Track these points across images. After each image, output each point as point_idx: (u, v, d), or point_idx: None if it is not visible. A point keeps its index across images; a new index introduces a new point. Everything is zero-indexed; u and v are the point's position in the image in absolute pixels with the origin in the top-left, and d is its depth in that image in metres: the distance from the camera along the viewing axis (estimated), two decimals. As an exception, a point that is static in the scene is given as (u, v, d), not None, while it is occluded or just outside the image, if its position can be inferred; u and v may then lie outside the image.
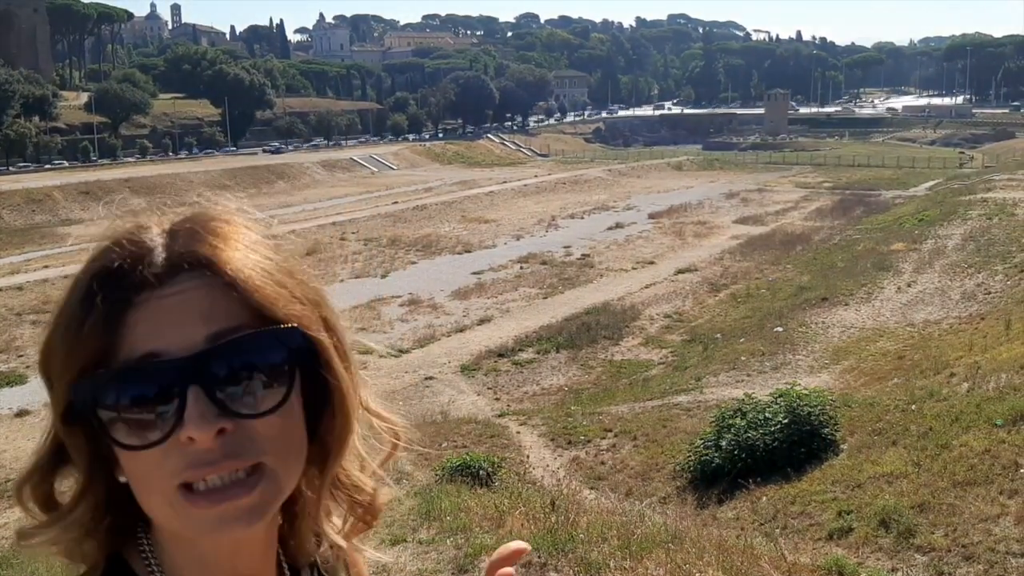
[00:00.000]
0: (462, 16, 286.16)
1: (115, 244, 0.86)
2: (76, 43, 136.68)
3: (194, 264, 0.85)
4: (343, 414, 0.94)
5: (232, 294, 0.84)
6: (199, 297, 0.84)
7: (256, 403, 0.84)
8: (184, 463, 0.82)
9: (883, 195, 68.34)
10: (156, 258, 0.84)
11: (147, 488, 0.85)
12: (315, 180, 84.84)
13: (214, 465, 0.82)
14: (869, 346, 25.33)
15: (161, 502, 0.84)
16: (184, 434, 0.81)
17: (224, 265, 0.85)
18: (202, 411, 0.81)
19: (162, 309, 0.83)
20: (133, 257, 0.84)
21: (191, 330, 0.82)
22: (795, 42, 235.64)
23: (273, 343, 0.85)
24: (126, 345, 0.82)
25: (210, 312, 0.84)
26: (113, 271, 0.84)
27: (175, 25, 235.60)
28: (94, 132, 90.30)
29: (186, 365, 0.81)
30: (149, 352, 0.82)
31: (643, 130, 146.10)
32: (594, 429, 18.58)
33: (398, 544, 8.47)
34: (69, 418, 0.85)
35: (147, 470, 0.83)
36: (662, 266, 44.20)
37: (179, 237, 0.87)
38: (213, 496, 0.82)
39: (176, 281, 0.84)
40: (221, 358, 0.82)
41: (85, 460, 0.87)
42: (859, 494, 11.58)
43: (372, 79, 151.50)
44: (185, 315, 0.83)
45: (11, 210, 59.85)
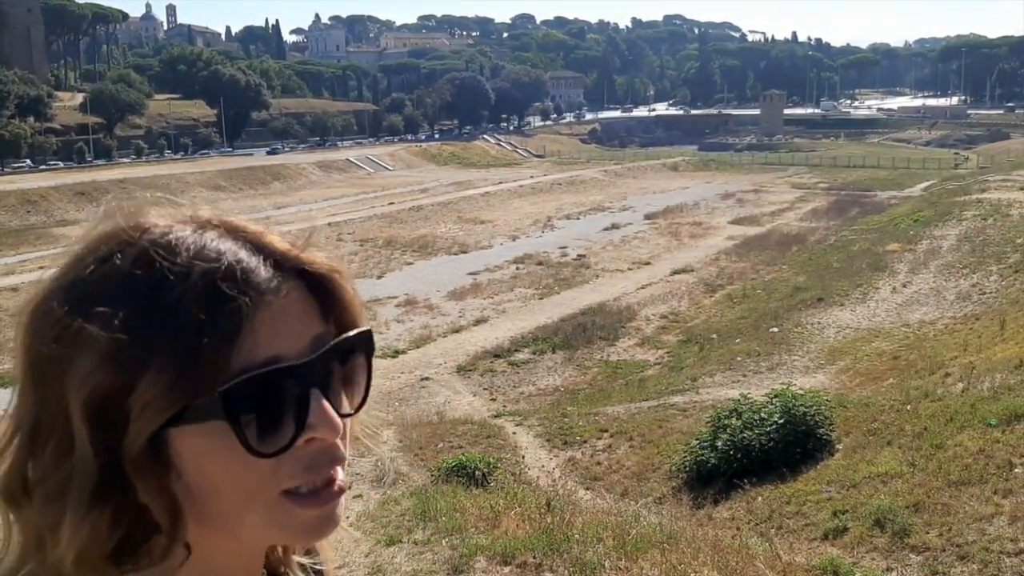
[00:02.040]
0: (458, 17, 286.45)
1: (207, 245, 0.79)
2: (71, 43, 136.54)
3: (297, 266, 0.83)
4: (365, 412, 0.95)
5: (320, 298, 0.84)
6: (298, 299, 0.82)
7: (351, 404, 0.86)
8: (300, 467, 0.80)
9: (878, 196, 68.46)
10: (258, 262, 0.80)
11: (248, 501, 0.80)
12: (311, 181, 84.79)
13: (327, 466, 0.82)
14: (864, 346, 25.36)
15: (262, 513, 0.81)
16: (307, 436, 0.79)
17: (320, 265, 0.84)
18: (329, 413, 0.80)
19: (276, 313, 0.79)
20: (243, 260, 0.79)
21: (301, 335, 0.81)
22: (791, 43, 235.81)
23: (361, 344, 0.86)
24: (245, 351, 0.77)
25: (307, 315, 0.82)
26: (236, 274, 0.78)
27: (170, 26, 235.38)
28: (89, 133, 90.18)
29: (307, 368, 0.80)
30: (272, 356, 0.78)
31: (639, 131, 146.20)
32: (590, 430, 18.58)
33: (394, 544, 8.48)
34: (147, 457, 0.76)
35: (257, 480, 0.79)
36: (658, 267, 44.23)
37: (254, 240, 0.82)
38: (319, 495, 0.81)
39: (283, 285, 0.81)
40: (331, 361, 0.82)
41: (163, 492, 0.78)
42: (854, 494, 11.58)
43: (368, 80, 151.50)
44: (294, 320, 0.81)
45: (6, 211, 59.76)
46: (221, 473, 0.79)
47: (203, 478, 0.79)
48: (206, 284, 0.76)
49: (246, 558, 0.90)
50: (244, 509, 0.81)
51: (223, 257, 0.78)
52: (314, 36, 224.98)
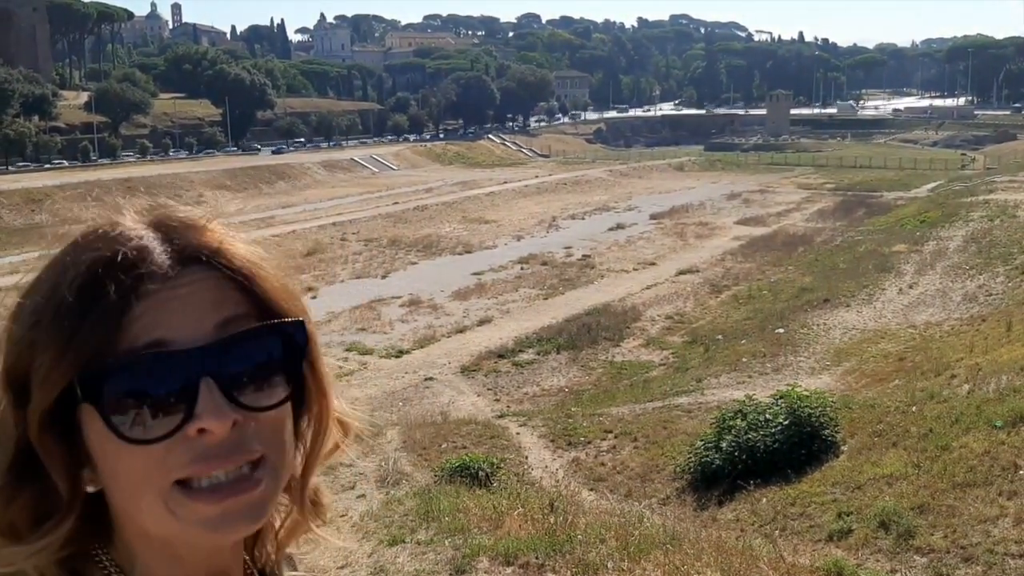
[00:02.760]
0: (463, 16, 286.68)
1: (110, 233, 0.83)
2: (76, 42, 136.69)
3: (202, 255, 0.83)
4: (323, 411, 0.93)
5: (239, 286, 0.84)
6: (208, 288, 0.82)
7: (264, 397, 0.83)
8: (189, 457, 0.79)
9: (885, 196, 68.33)
10: (159, 248, 0.82)
11: (140, 488, 0.81)
12: (316, 180, 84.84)
13: (222, 459, 0.80)
14: (870, 347, 25.29)
15: (155, 502, 0.80)
16: (195, 426, 0.78)
17: (234, 257, 0.84)
18: (217, 402, 0.79)
19: (171, 299, 0.80)
20: (139, 248, 0.81)
21: (201, 320, 0.81)
22: (797, 43, 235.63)
23: (281, 336, 0.84)
24: (128, 336, 0.79)
25: (218, 302, 0.82)
26: (120, 261, 0.80)
27: (175, 25, 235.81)
28: (94, 132, 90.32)
29: (198, 355, 0.79)
30: (155, 340, 0.79)
31: (644, 131, 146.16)
32: (594, 430, 18.54)
33: (396, 544, 8.45)
34: (48, 423, 0.81)
35: (145, 467, 0.79)
36: (663, 267, 44.17)
37: (176, 230, 0.84)
38: (217, 492, 0.80)
39: (186, 273, 0.82)
40: (233, 349, 0.81)
41: (64, 468, 0.82)
42: (859, 495, 11.55)
43: (373, 79, 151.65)
44: (194, 305, 0.81)
45: (10, 210, 59.88)
46: (112, 456, 0.80)
47: (103, 461, 0.81)
48: (88, 272, 0.79)
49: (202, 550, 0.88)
50: (138, 496, 0.81)
51: (119, 247, 0.80)
52: (319, 35, 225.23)
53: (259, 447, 0.82)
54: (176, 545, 0.86)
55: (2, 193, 62.06)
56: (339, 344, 29.91)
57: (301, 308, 0.89)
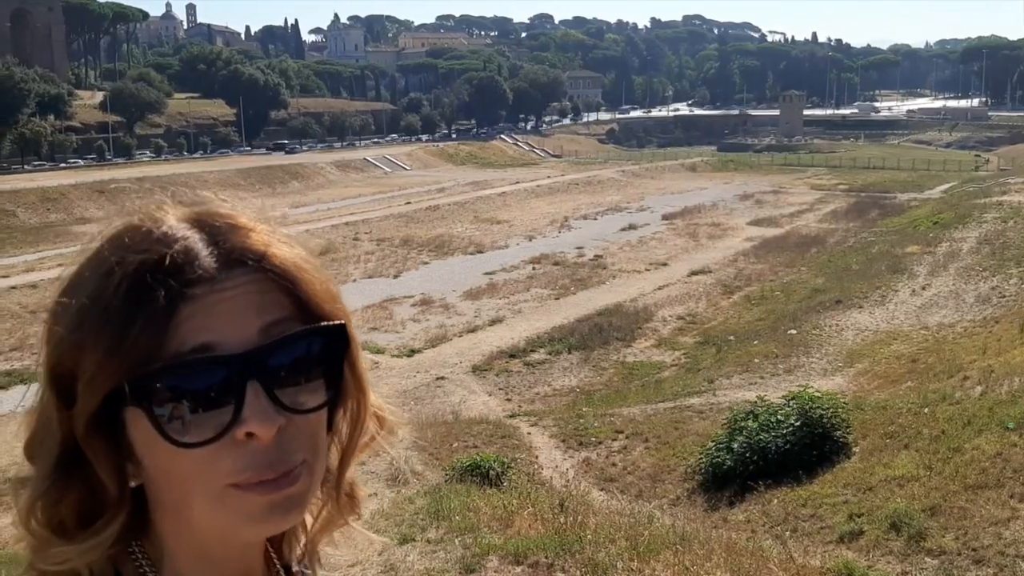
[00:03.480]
0: (476, 17, 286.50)
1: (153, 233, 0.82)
2: (91, 42, 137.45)
3: (248, 259, 0.83)
4: (360, 409, 0.94)
5: (282, 289, 0.84)
6: (252, 291, 0.82)
7: (307, 400, 0.83)
8: (241, 464, 0.80)
9: (898, 197, 68.07)
10: (205, 251, 0.82)
11: (192, 488, 0.82)
12: (329, 180, 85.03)
13: (272, 466, 0.81)
14: (883, 349, 25.21)
15: (205, 500, 0.82)
16: (243, 430, 0.79)
17: (278, 260, 0.84)
18: (264, 407, 0.79)
19: (218, 303, 0.80)
20: (185, 251, 0.81)
21: (246, 324, 0.81)
22: (810, 43, 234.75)
23: (324, 339, 0.85)
24: (175, 339, 0.79)
25: (262, 305, 0.82)
26: (167, 264, 0.80)
27: (190, 25, 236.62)
28: (109, 131, 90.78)
29: (245, 359, 0.79)
30: (202, 344, 0.79)
31: (657, 131, 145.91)
32: (605, 431, 18.54)
33: (407, 543, 8.49)
34: (95, 423, 0.81)
35: (195, 468, 0.80)
36: (675, 267, 44.11)
37: (221, 232, 0.84)
38: (267, 485, 0.81)
39: (231, 276, 0.82)
40: (278, 353, 0.81)
41: (113, 468, 0.83)
42: (870, 497, 11.52)
43: (386, 80, 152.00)
44: (240, 309, 0.81)
45: (26, 208, 60.22)
46: (163, 457, 0.81)
47: (151, 461, 0.83)
48: (135, 275, 0.79)
49: (234, 548, 0.90)
50: (190, 495, 0.82)
51: (164, 249, 0.80)
52: (333, 36, 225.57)
53: (300, 454, 0.83)
54: (210, 544, 0.87)
55: (18, 192, 62.45)
56: (351, 343, 29.95)
57: (343, 310, 0.89)
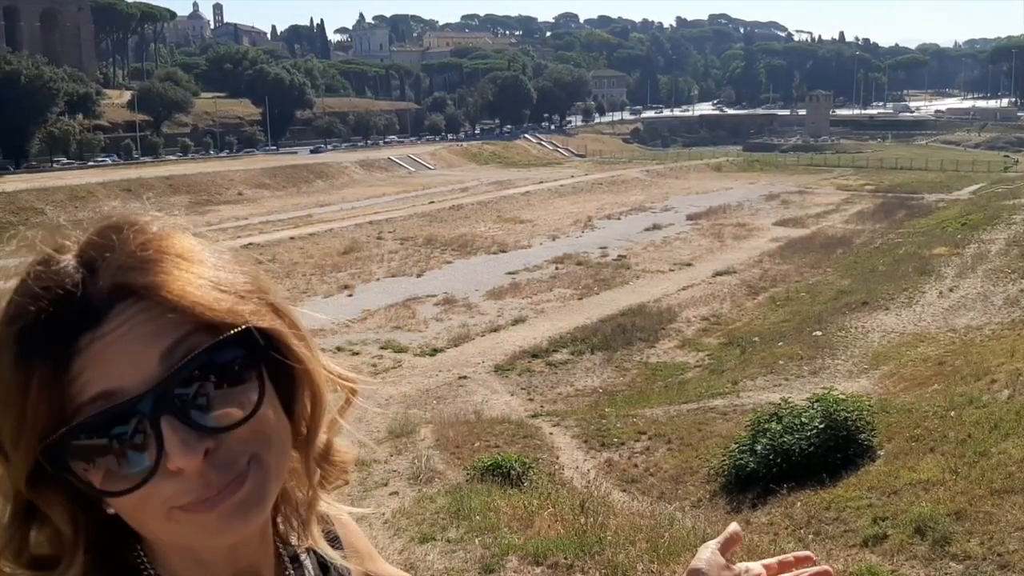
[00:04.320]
0: (501, 16, 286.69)
1: (29, 293, 0.78)
2: (120, 42, 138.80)
3: (129, 294, 0.78)
4: (316, 392, 0.91)
5: (175, 315, 0.79)
6: (143, 320, 0.78)
7: (232, 413, 0.80)
8: (179, 490, 0.78)
9: (926, 198, 67.42)
10: (85, 297, 0.78)
11: (142, 517, 0.81)
12: (353, 179, 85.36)
13: (210, 486, 0.78)
14: (909, 351, 24.95)
15: (160, 524, 0.81)
16: (171, 465, 0.76)
17: (160, 291, 0.79)
18: (183, 438, 0.76)
19: (108, 347, 0.77)
20: (57, 300, 0.77)
21: (143, 359, 0.77)
22: (838, 43, 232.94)
23: (231, 349, 0.80)
24: (77, 394, 0.76)
25: (156, 332, 0.78)
26: (40, 324, 0.77)
27: (217, 25, 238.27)
28: (136, 130, 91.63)
29: (149, 397, 0.76)
30: (101, 393, 0.76)
31: (682, 131, 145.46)
32: (628, 431, 18.49)
33: (427, 542, 8.50)
34: (35, 484, 0.80)
35: (137, 505, 0.79)
36: (700, 268, 43.90)
37: (100, 268, 0.79)
38: (209, 502, 0.79)
39: (112, 315, 0.77)
40: (183, 380, 0.77)
41: (66, 515, 0.82)
42: (895, 501, 11.42)
43: (411, 79, 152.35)
44: (133, 345, 0.77)
45: (54, 206, 60.83)
46: (110, 501, 0.80)
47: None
48: (17, 346, 0.77)
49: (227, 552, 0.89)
50: (143, 526, 0.82)
51: (41, 305, 0.77)
52: (358, 35, 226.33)
53: (243, 458, 0.81)
54: (196, 549, 0.87)
55: (46, 190, 63.19)
56: (374, 342, 30.09)
57: (254, 309, 0.83)
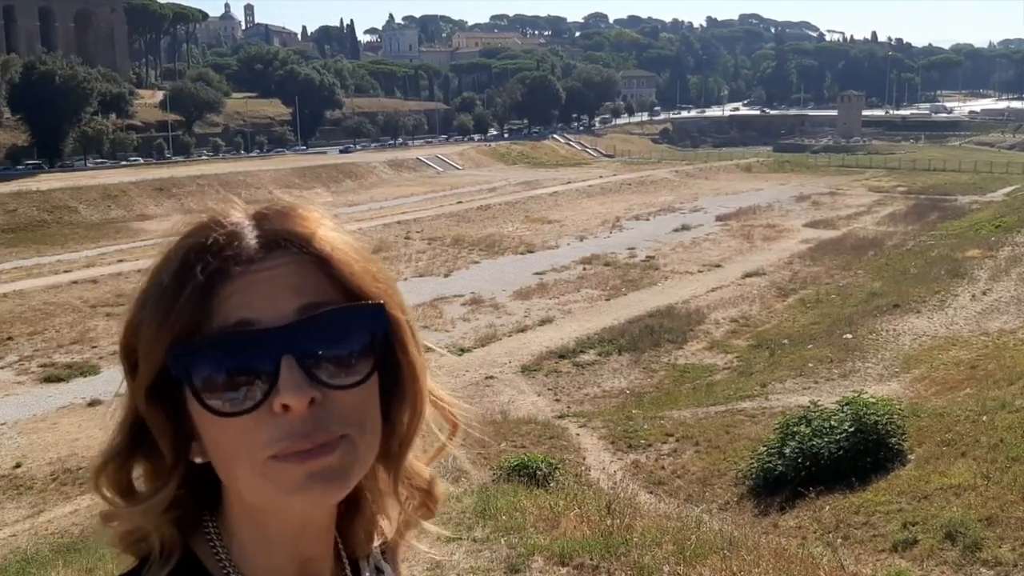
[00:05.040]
0: (530, 16, 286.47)
1: (210, 222, 0.90)
2: (152, 42, 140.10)
3: (288, 241, 0.89)
4: (417, 396, 0.97)
5: (323, 270, 0.89)
6: (291, 272, 0.88)
7: (343, 375, 0.87)
8: (278, 434, 0.84)
9: (959, 200, 66.68)
10: (250, 235, 0.89)
11: (235, 457, 0.87)
12: (382, 179, 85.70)
13: (307, 437, 0.85)
14: (941, 355, 24.68)
15: (249, 471, 0.86)
16: (278, 401, 0.83)
17: (318, 242, 0.90)
18: (296, 379, 0.83)
19: (256, 282, 0.86)
20: (229, 234, 0.88)
21: (283, 302, 0.86)
22: (870, 43, 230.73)
23: (361, 318, 0.89)
24: (219, 315, 0.85)
25: (301, 286, 0.87)
26: (210, 245, 0.87)
27: (248, 25, 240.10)
28: (168, 130, 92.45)
29: (280, 334, 0.84)
30: (241, 320, 0.85)
31: (712, 131, 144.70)
32: (655, 433, 18.44)
33: (452, 542, 8.50)
34: (154, 393, 0.88)
35: (237, 439, 0.86)
36: (729, 269, 43.68)
37: (269, 218, 0.91)
38: (301, 454, 0.85)
39: (270, 257, 0.88)
40: (313, 329, 0.86)
41: (169, 438, 0.90)
42: (925, 506, 11.30)
43: (439, 79, 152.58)
44: (278, 288, 0.86)
45: (88, 205, 61.58)
46: (210, 428, 0.87)
47: (203, 432, 0.89)
48: (183, 257, 0.88)
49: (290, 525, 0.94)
50: (233, 465, 0.88)
51: (211, 233, 0.88)
52: (388, 36, 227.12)
53: (338, 428, 0.86)
54: (267, 521, 0.93)
55: (80, 189, 63.92)
56: (402, 342, 30.16)
57: (387, 293, 0.93)
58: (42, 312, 33.66)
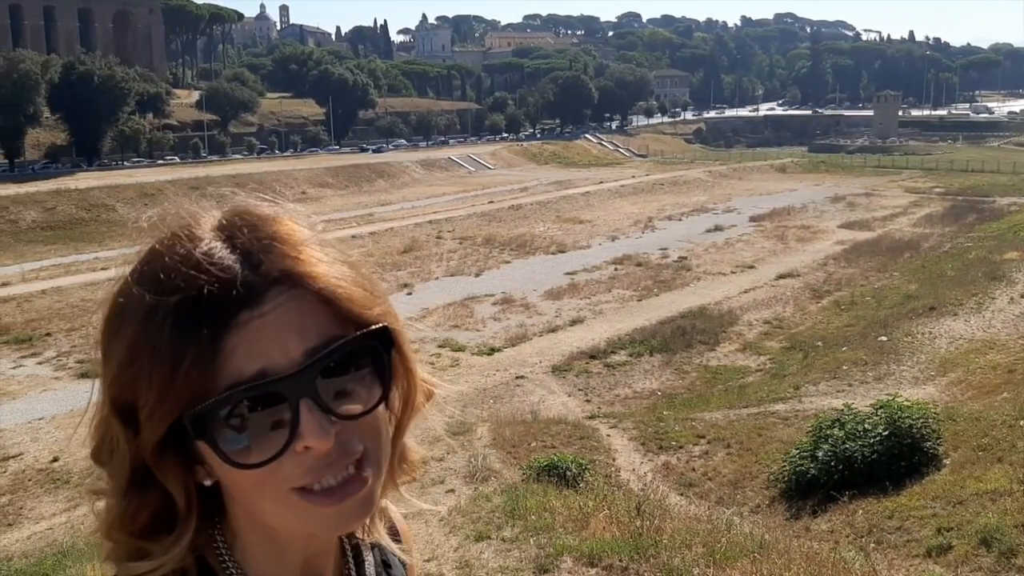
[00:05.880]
0: (563, 16, 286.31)
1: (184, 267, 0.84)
2: (189, 43, 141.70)
3: (284, 280, 0.86)
4: (411, 394, 0.99)
5: (321, 306, 0.87)
6: (291, 311, 0.85)
7: (360, 405, 0.87)
8: (302, 469, 0.84)
9: (997, 202, 65.71)
10: (246, 275, 0.84)
11: (259, 496, 0.87)
12: (414, 179, 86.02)
13: (331, 467, 0.85)
14: (978, 358, 24.32)
15: (275, 507, 0.87)
16: (301, 444, 0.83)
17: (315, 280, 0.87)
18: (319, 422, 0.83)
19: (262, 328, 0.83)
20: (223, 280, 0.83)
21: (292, 346, 0.84)
22: (907, 42, 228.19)
23: (368, 346, 0.88)
24: (229, 369, 0.82)
25: (303, 326, 0.85)
26: (207, 296, 0.83)
27: (283, 26, 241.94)
28: (204, 129, 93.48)
29: (296, 380, 0.83)
30: (258, 371, 0.82)
31: (746, 131, 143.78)
32: (686, 435, 18.35)
33: (482, 540, 8.52)
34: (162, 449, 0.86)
35: (260, 481, 0.85)
36: (762, 270, 43.35)
37: (257, 251, 0.86)
38: (333, 495, 0.85)
39: (268, 299, 0.84)
40: (325, 368, 0.85)
41: (183, 486, 0.88)
42: (960, 511, 11.14)
43: (472, 79, 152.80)
44: (282, 331, 0.84)
45: (124, 203, 62.35)
46: (227, 473, 0.86)
47: (220, 472, 0.87)
48: (177, 313, 0.82)
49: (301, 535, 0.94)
50: (259, 501, 0.87)
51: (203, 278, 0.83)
52: (421, 36, 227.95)
53: (359, 444, 0.87)
54: (278, 533, 0.93)
55: (117, 187, 64.84)
56: (432, 340, 30.27)
57: (384, 308, 0.92)
58: (80, 308, 34.09)
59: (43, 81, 73.09)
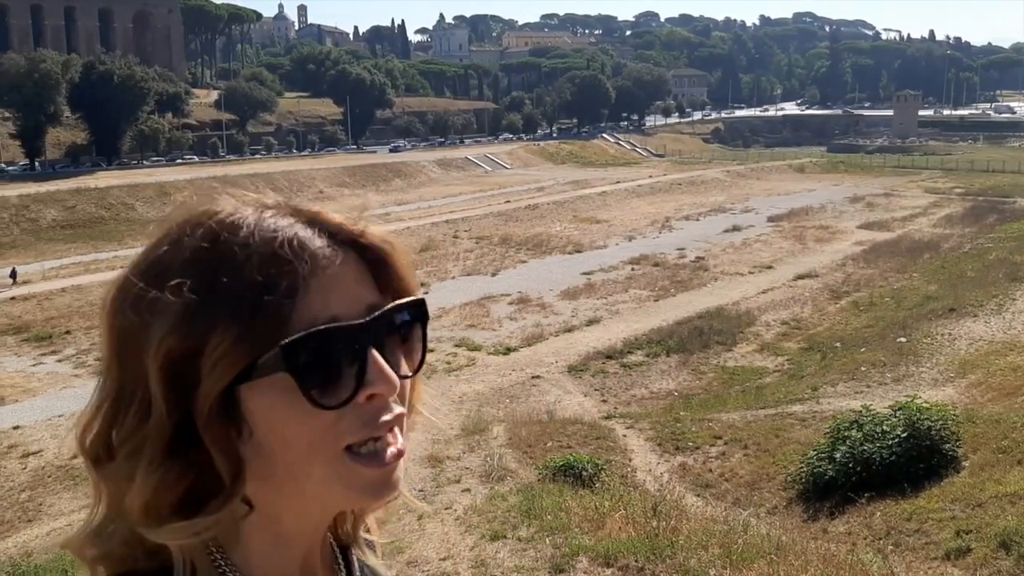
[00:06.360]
0: (581, 15, 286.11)
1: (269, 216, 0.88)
2: (208, 42, 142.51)
3: (348, 238, 0.91)
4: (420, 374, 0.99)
5: (371, 269, 0.92)
6: (351, 270, 0.90)
7: (409, 364, 0.92)
8: (358, 423, 0.86)
9: (1019, 202, 65.19)
10: (315, 233, 0.89)
11: (313, 454, 0.86)
12: (430, 178, 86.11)
13: (385, 421, 0.88)
14: (998, 360, 24.11)
15: (325, 469, 0.87)
16: (367, 392, 0.86)
17: (373, 238, 0.92)
18: (385, 370, 0.87)
19: (336, 278, 0.87)
20: (299, 233, 0.87)
21: (358, 298, 0.89)
22: (927, 42, 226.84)
23: (415, 311, 0.93)
24: (304, 312, 0.85)
25: (361, 283, 0.90)
26: (294, 242, 0.86)
27: (301, 26, 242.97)
28: (223, 129, 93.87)
29: (363, 329, 0.87)
30: (332, 316, 0.85)
31: (764, 131, 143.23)
32: (703, 436, 18.30)
33: (498, 540, 8.52)
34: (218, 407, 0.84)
35: (320, 434, 0.86)
36: (780, 271, 43.17)
37: (319, 219, 0.91)
38: (377, 459, 0.88)
39: (335, 256, 0.88)
40: (387, 324, 0.89)
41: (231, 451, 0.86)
42: (979, 514, 11.06)
43: (489, 79, 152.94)
44: (349, 284, 0.89)
45: (144, 202, 62.74)
46: (288, 426, 0.85)
47: (272, 433, 0.86)
48: (265, 250, 0.85)
49: (312, 524, 0.95)
50: (310, 463, 0.87)
51: (280, 230, 0.87)
52: (438, 36, 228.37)
53: (397, 407, 0.90)
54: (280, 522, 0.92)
55: (137, 186, 65.22)
56: (449, 339, 30.31)
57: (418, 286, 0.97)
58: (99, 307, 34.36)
59: (64, 81, 73.69)
